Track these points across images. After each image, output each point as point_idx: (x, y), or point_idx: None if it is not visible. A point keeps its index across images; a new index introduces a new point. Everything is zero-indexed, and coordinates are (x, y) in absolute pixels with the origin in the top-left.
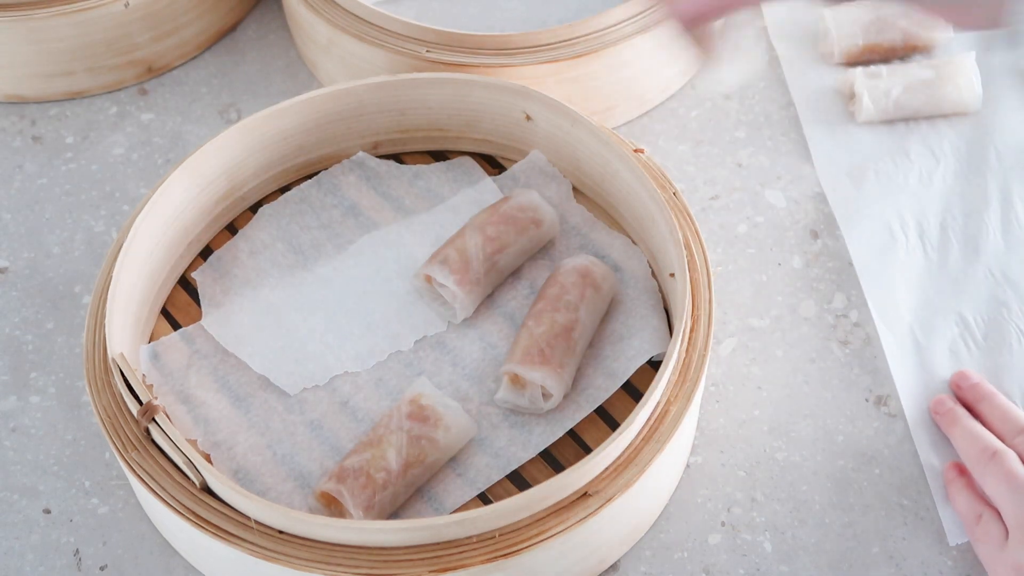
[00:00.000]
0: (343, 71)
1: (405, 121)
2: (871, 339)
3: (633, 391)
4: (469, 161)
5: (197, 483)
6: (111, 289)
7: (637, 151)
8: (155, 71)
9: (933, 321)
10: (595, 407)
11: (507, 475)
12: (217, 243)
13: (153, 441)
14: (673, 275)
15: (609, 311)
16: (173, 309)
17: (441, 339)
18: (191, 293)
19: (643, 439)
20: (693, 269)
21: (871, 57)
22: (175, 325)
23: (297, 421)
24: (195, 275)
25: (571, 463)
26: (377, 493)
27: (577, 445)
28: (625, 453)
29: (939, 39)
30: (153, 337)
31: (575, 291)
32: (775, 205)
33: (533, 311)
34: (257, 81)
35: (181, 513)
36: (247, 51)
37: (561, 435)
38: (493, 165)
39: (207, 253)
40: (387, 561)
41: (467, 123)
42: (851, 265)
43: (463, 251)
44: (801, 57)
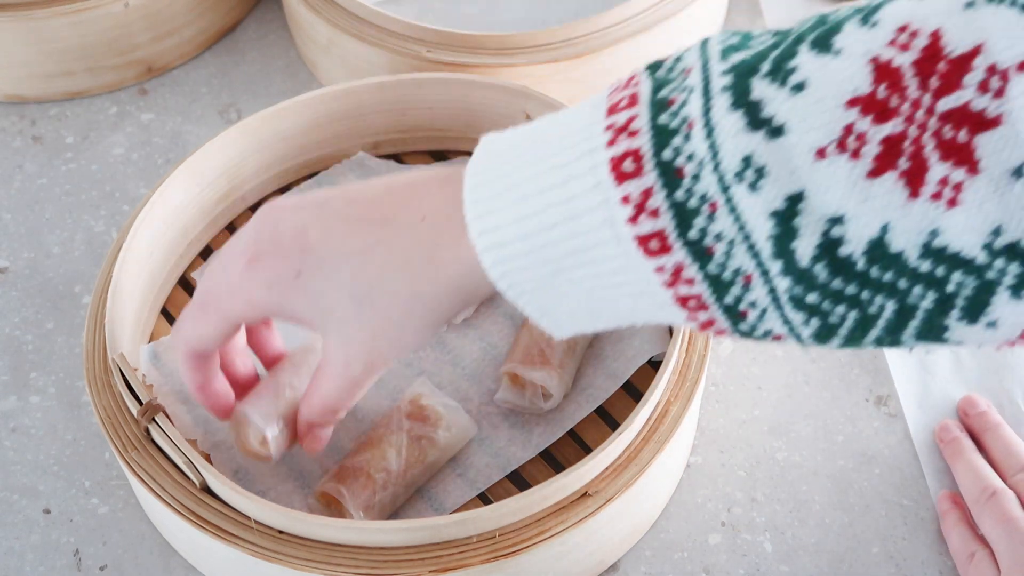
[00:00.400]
0: (343, 71)
1: (405, 121)
2: None
3: (633, 391)
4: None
5: (197, 483)
6: (111, 289)
7: None
8: (155, 71)
9: None
10: (595, 407)
11: (507, 475)
12: (217, 243)
13: (153, 441)
14: None
15: None
16: (173, 309)
17: (441, 339)
18: (191, 293)
19: (643, 439)
20: None
21: None
22: None
23: None
24: (195, 275)
25: (571, 463)
26: (377, 493)
27: (577, 445)
28: (625, 453)
29: None
30: (153, 337)
31: None
32: None
33: None
34: (257, 81)
35: (181, 513)
36: (247, 51)
37: (561, 435)
38: None
39: (207, 253)
40: (387, 561)
41: (467, 123)
42: None
43: None
44: None
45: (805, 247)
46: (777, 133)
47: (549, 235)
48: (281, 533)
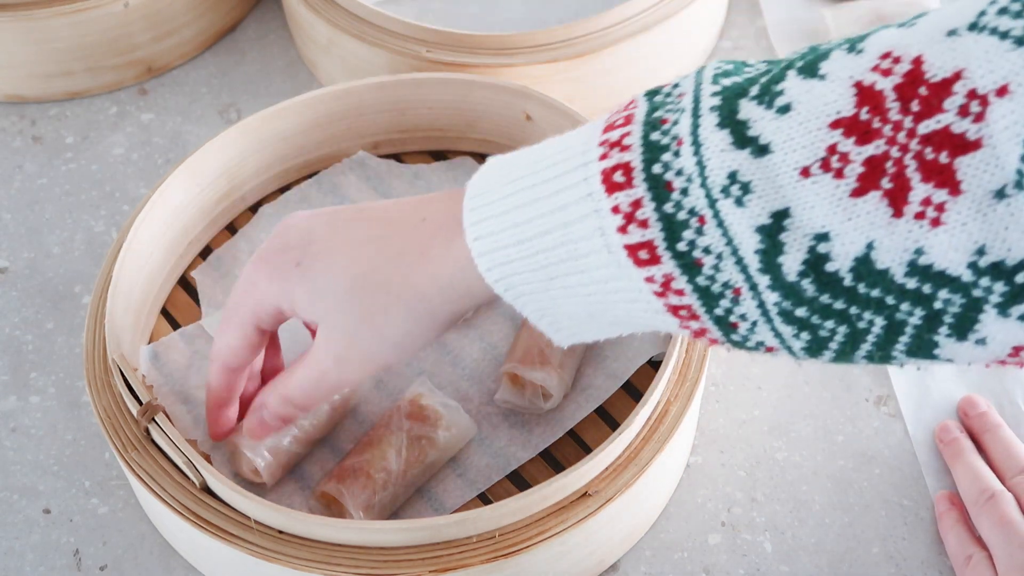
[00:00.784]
0: (343, 71)
1: (405, 121)
2: None
3: (633, 391)
4: (469, 161)
5: (197, 483)
6: (111, 289)
7: None
8: (155, 71)
9: None
10: (595, 407)
11: (507, 475)
12: (217, 243)
13: (153, 441)
14: None
15: None
16: (173, 309)
17: (441, 339)
18: (191, 293)
19: (643, 439)
20: None
21: None
22: (175, 325)
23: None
24: (195, 274)
25: (571, 463)
26: (377, 493)
27: (577, 445)
28: (625, 453)
29: None
30: (153, 337)
31: None
32: None
33: None
34: (257, 81)
35: (181, 513)
36: (247, 51)
37: (561, 435)
38: None
39: (207, 253)
40: (387, 561)
41: (467, 123)
42: None
43: None
44: None
45: (792, 262)
46: (763, 151)
47: (542, 241)
48: (281, 533)
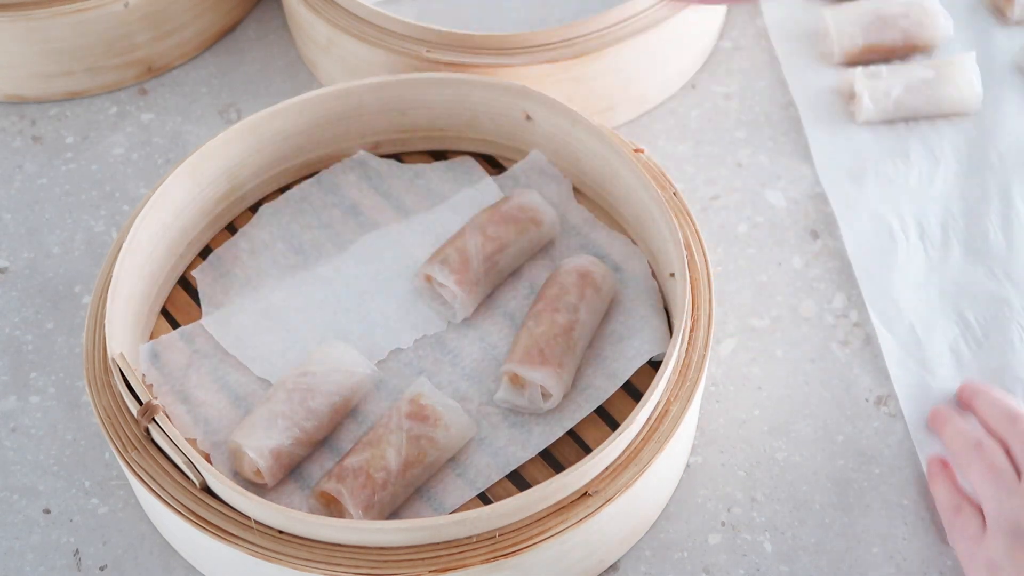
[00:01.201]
0: (343, 71)
1: (405, 121)
2: (871, 339)
3: (633, 391)
4: (469, 161)
5: (197, 483)
6: (111, 289)
7: (637, 151)
8: (155, 71)
9: (934, 321)
10: (595, 407)
11: (507, 475)
12: (217, 243)
13: (153, 441)
14: (673, 275)
15: (609, 311)
16: (173, 309)
17: (441, 339)
18: (191, 293)
19: (643, 439)
20: (693, 269)
21: (871, 57)
22: (175, 325)
23: None
24: (195, 274)
25: (571, 463)
26: (377, 493)
27: (577, 445)
28: (625, 453)
29: (940, 39)
30: (153, 337)
31: (575, 291)
32: (775, 205)
33: (533, 311)
34: (257, 81)
35: (181, 513)
36: (247, 51)
37: (561, 435)
38: (493, 165)
39: (207, 253)
40: (387, 561)
41: (467, 123)
42: (851, 265)
43: (463, 251)
44: (801, 57)
45: None
46: None
47: None
48: (281, 533)
